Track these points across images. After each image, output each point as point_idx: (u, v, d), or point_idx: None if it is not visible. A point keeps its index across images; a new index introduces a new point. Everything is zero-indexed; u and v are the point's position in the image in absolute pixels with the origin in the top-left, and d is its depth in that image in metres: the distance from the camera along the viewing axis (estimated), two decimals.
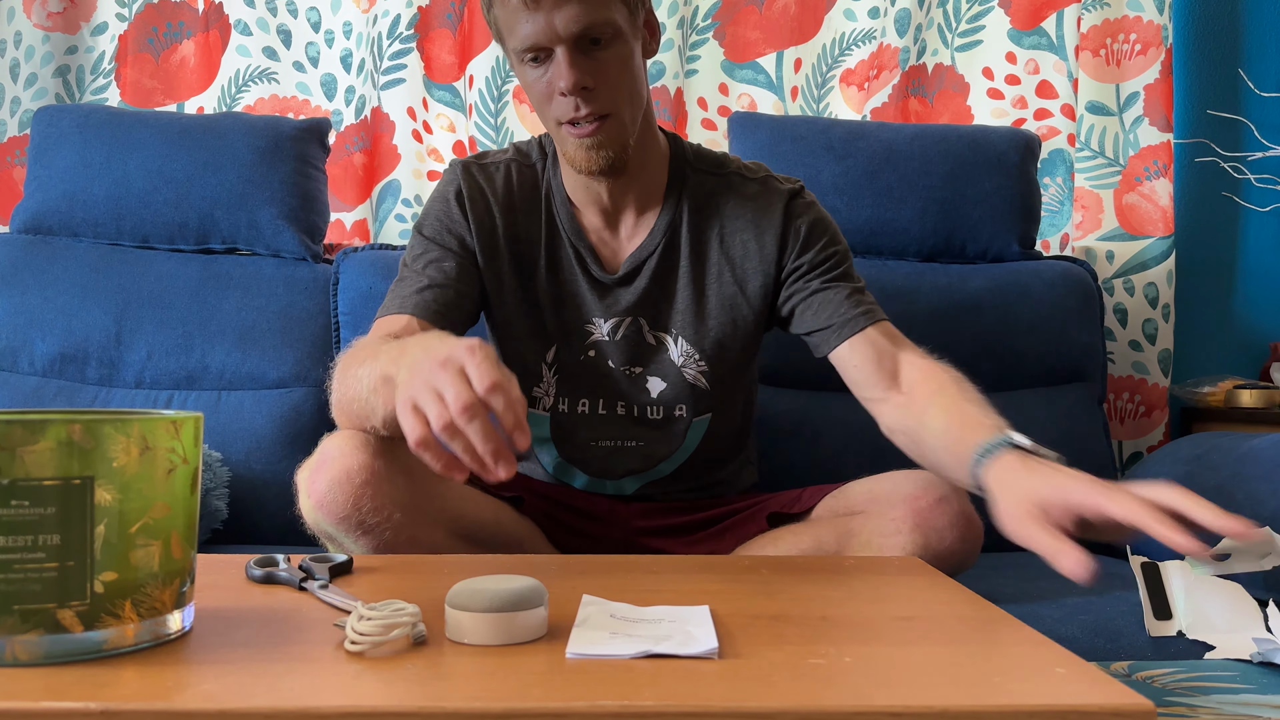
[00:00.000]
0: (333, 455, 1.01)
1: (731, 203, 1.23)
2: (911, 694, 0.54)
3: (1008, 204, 1.74)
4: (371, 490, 1.00)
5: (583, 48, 1.08)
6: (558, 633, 0.66)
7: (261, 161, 1.71)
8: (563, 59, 1.07)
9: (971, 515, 1.06)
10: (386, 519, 1.00)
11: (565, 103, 1.09)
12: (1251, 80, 2.02)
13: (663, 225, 1.22)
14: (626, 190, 1.21)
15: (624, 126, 1.13)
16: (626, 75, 1.11)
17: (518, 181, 1.23)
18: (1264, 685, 0.88)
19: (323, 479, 1.00)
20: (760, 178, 1.25)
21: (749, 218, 1.22)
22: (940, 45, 1.97)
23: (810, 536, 1.11)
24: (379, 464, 1.01)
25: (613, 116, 1.11)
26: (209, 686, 0.55)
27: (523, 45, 1.08)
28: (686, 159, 1.25)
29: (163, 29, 1.96)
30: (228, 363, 1.64)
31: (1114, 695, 0.54)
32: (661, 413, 1.23)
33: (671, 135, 1.27)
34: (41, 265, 1.68)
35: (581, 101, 1.09)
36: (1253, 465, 1.27)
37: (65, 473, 0.57)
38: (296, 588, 0.80)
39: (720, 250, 1.22)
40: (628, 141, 1.14)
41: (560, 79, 1.08)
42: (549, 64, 1.09)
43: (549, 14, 1.06)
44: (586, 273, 1.22)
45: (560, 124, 1.12)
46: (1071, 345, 1.71)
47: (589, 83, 1.08)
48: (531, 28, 1.07)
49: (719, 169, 1.25)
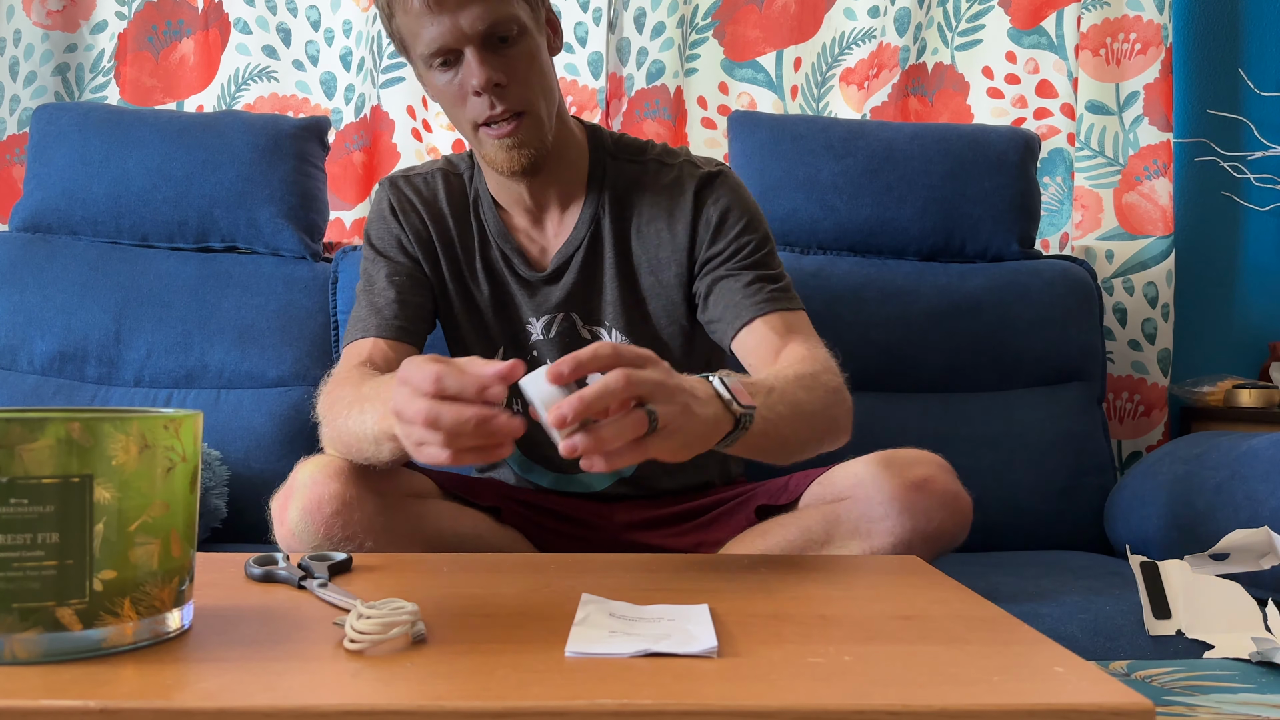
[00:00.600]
0: (303, 484, 1.02)
1: (649, 191, 1.22)
2: (910, 693, 0.54)
3: (1007, 203, 1.74)
4: (342, 520, 1.00)
5: (491, 46, 1.08)
6: (557, 631, 0.66)
7: (261, 160, 1.71)
8: (473, 58, 1.08)
9: (959, 493, 1.04)
10: (359, 547, 1.01)
11: (479, 103, 1.10)
12: (1251, 80, 2.02)
13: (586, 218, 1.21)
14: (547, 187, 1.21)
15: (541, 122, 1.13)
16: (536, 70, 1.12)
17: (445, 190, 1.25)
18: (1263, 685, 0.88)
19: (294, 508, 1.01)
20: (678, 163, 1.23)
21: (663, 205, 1.21)
22: (940, 44, 1.97)
23: (798, 527, 1.09)
24: (350, 492, 1.01)
25: (528, 114, 1.11)
26: (208, 685, 0.55)
27: (430, 49, 1.08)
28: (606, 149, 1.24)
29: (162, 27, 1.96)
30: (227, 361, 1.64)
31: (1113, 694, 0.54)
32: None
33: (590, 126, 1.26)
34: (41, 263, 1.68)
35: (496, 99, 1.09)
36: (1252, 465, 1.27)
37: (64, 471, 0.57)
38: (295, 586, 0.80)
39: (639, 240, 1.22)
40: (546, 138, 1.14)
41: (472, 77, 1.08)
42: (458, 66, 1.09)
43: (454, 15, 1.06)
44: (515, 273, 1.23)
45: (477, 126, 1.12)
46: (1071, 345, 1.71)
47: (501, 79, 1.08)
48: (437, 30, 1.07)
49: (638, 156, 1.24)
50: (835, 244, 1.75)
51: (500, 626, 0.68)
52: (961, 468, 1.10)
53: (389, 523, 1.04)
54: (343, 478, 1.02)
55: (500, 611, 0.72)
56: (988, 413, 1.66)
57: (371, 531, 1.02)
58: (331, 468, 1.03)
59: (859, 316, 1.66)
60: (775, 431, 0.94)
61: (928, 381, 1.68)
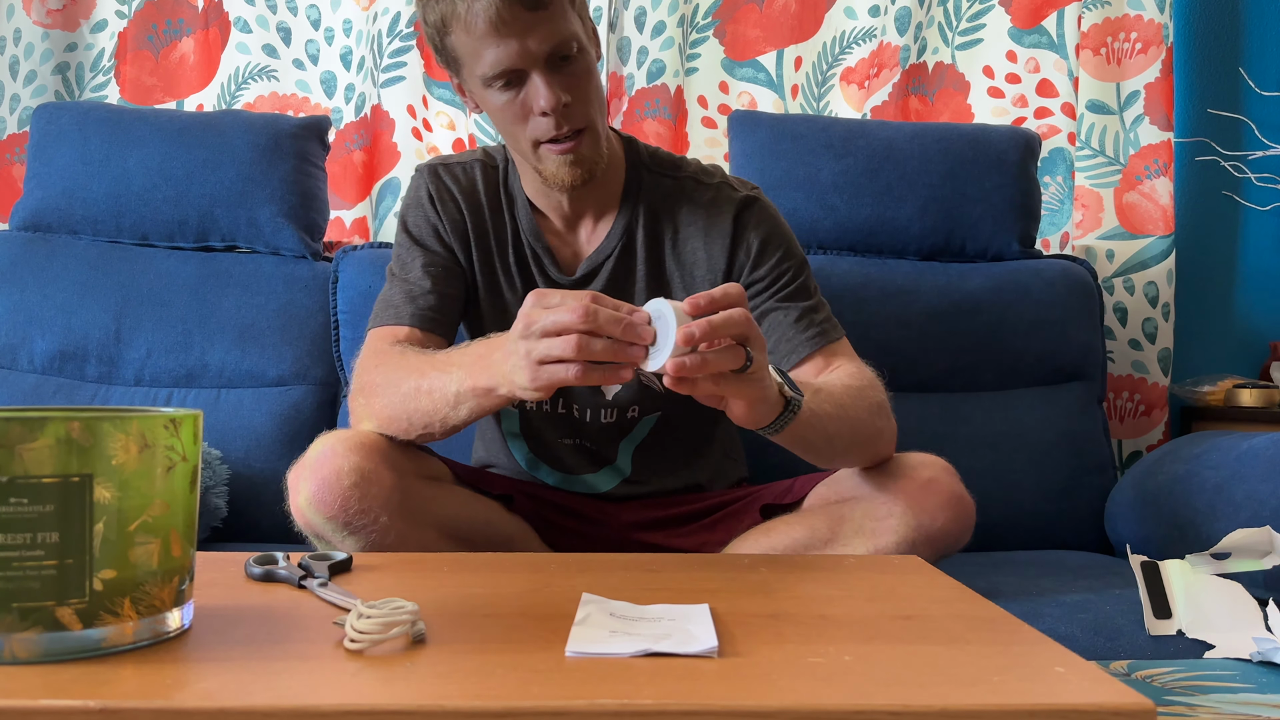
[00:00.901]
0: (324, 455, 1.03)
1: (685, 208, 1.23)
2: (911, 693, 0.54)
3: (1008, 203, 1.74)
4: (359, 492, 1.01)
5: (554, 65, 1.08)
6: (557, 631, 0.66)
7: (261, 159, 1.71)
8: (539, 80, 1.08)
9: (963, 495, 1.06)
10: (373, 521, 1.02)
11: (545, 123, 1.10)
12: (1252, 79, 2.02)
13: (619, 229, 1.22)
14: (585, 197, 1.21)
15: (599, 137, 1.14)
16: (594, 86, 1.13)
17: (483, 181, 1.25)
18: (1264, 684, 0.88)
19: (313, 479, 1.02)
20: (715, 183, 1.24)
21: (700, 224, 1.22)
22: (941, 44, 1.97)
23: (803, 526, 1.10)
24: (369, 466, 1.02)
25: (588, 130, 1.12)
26: (208, 684, 0.55)
27: (494, 71, 1.08)
28: (643, 161, 1.25)
29: (162, 26, 1.96)
30: (227, 360, 1.64)
31: (1114, 694, 0.54)
32: (614, 415, 1.24)
33: (626, 137, 1.27)
34: (41, 263, 1.68)
35: (562, 119, 1.09)
36: (1252, 464, 1.27)
37: (64, 470, 0.57)
38: (296, 586, 0.80)
39: (673, 255, 1.22)
40: (603, 152, 1.15)
41: (539, 98, 1.08)
42: (520, 87, 1.09)
43: (520, 38, 1.05)
44: (544, 273, 1.23)
45: (537, 144, 1.12)
46: (1071, 344, 1.71)
47: (567, 99, 1.09)
48: (503, 51, 1.06)
49: (675, 171, 1.25)
50: (835, 243, 1.75)
51: (500, 626, 0.68)
52: (962, 467, 1.10)
53: (404, 501, 1.04)
54: (363, 451, 1.03)
55: (500, 611, 0.72)
56: (988, 412, 1.66)
57: (387, 507, 1.02)
58: (352, 441, 1.04)
59: (859, 316, 1.66)
60: (820, 427, 0.99)
61: (928, 381, 1.68)
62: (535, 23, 1.05)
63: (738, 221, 1.21)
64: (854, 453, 1.08)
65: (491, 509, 1.17)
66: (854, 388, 1.08)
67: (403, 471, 1.06)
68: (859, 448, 1.08)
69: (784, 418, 0.94)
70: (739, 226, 1.21)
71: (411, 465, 1.10)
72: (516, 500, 1.21)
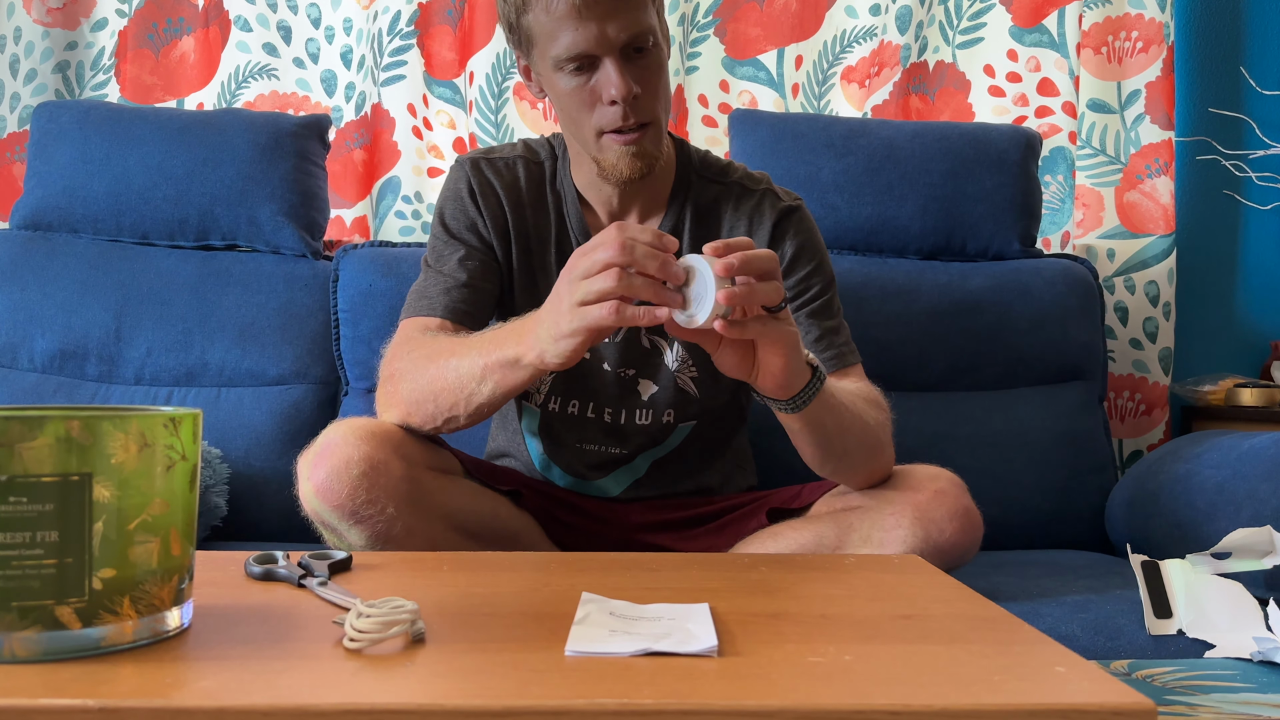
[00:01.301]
0: (334, 444, 1.02)
1: (730, 212, 1.24)
2: (911, 693, 0.54)
3: (1008, 202, 1.74)
4: (368, 482, 1.01)
5: (628, 56, 1.09)
6: (557, 631, 0.66)
7: (261, 158, 1.71)
8: (612, 68, 1.08)
9: (970, 508, 1.07)
10: (380, 511, 1.01)
11: (612, 112, 1.10)
12: (1253, 78, 2.02)
13: (667, 228, 1.22)
14: (635, 195, 1.21)
15: (661, 133, 1.15)
16: (664, 82, 1.14)
17: (525, 177, 1.24)
18: (1264, 684, 0.88)
19: (323, 467, 1.01)
20: (761, 190, 1.25)
21: (743, 228, 1.23)
22: (941, 42, 1.97)
23: (810, 531, 1.11)
24: (379, 456, 1.02)
25: (653, 124, 1.13)
26: (207, 683, 0.55)
27: (568, 54, 1.08)
28: (692, 165, 1.26)
29: (162, 25, 1.96)
30: (227, 359, 1.64)
31: (1114, 694, 0.54)
32: (650, 417, 1.24)
33: (678, 140, 1.27)
34: (41, 261, 1.68)
35: (630, 110, 1.09)
36: (1253, 464, 1.27)
37: (63, 469, 0.57)
38: (295, 585, 0.80)
39: None
40: (663, 148, 1.16)
41: (611, 87, 1.08)
42: (592, 72, 1.09)
43: (600, 23, 1.06)
44: None
45: (601, 133, 1.12)
46: (1072, 343, 1.71)
47: (638, 90, 1.09)
48: (581, 35, 1.06)
49: (722, 177, 1.26)
50: (836, 243, 1.74)
51: (500, 625, 0.68)
52: (962, 467, 1.11)
53: (412, 492, 1.04)
54: (373, 441, 1.03)
55: (500, 610, 0.72)
56: (988, 412, 1.66)
57: (395, 498, 1.02)
58: (363, 430, 1.03)
59: (859, 315, 1.65)
60: (833, 419, 1.02)
61: (928, 380, 1.68)
62: (616, 10, 1.06)
63: (777, 228, 1.22)
64: (859, 456, 1.08)
65: (499, 503, 1.17)
66: (862, 395, 1.11)
67: (413, 462, 1.06)
68: (864, 452, 1.08)
69: (812, 386, 0.97)
70: (778, 232, 1.22)
71: (422, 456, 1.09)
72: (525, 496, 1.21)
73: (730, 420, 1.32)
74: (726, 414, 1.30)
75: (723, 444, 1.32)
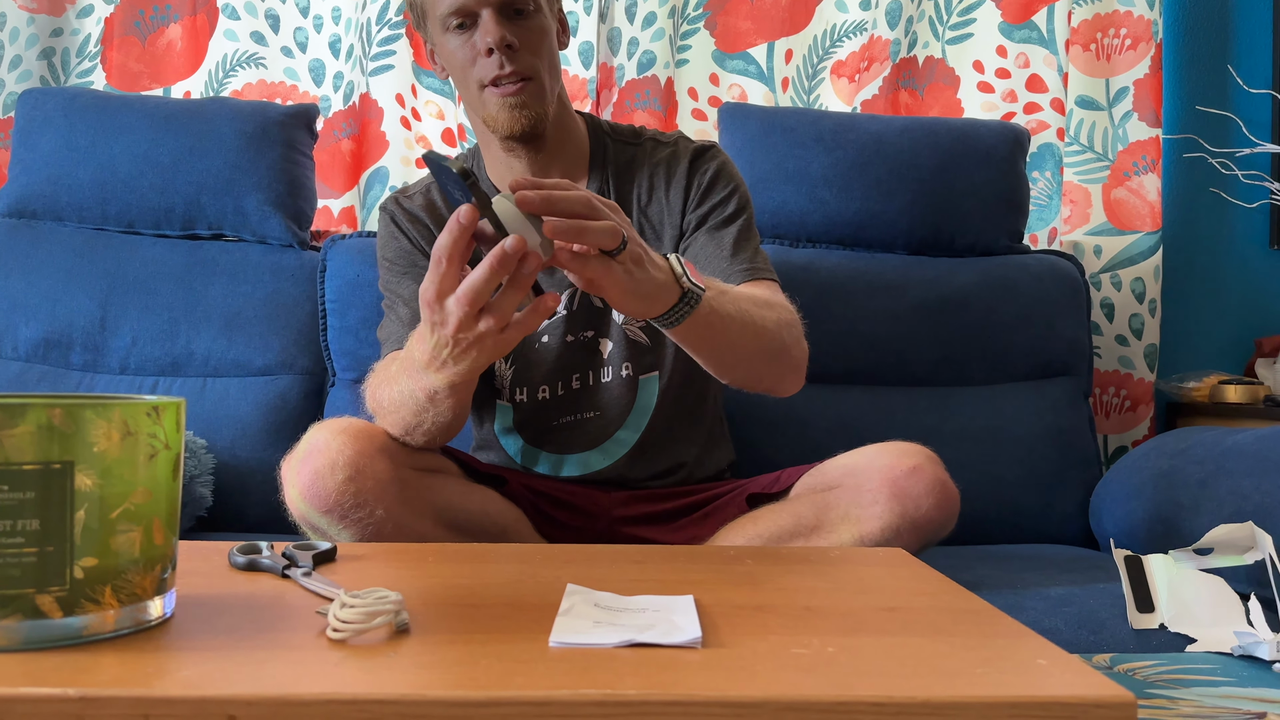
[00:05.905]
0: (318, 446, 1.02)
1: (647, 168, 1.28)
2: (894, 685, 0.54)
3: (996, 197, 1.74)
4: (354, 485, 1.01)
5: (507, 14, 1.15)
6: (541, 622, 0.66)
7: (248, 147, 1.70)
8: (489, 19, 1.14)
9: (947, 482, 1.07)
10: (369, 513, 1.01)
11: (489, 63, 1.15)
12: (1240, 77, 2.03)
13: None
14: (550, 167, 1.25)
15: (544, 91, 1.18)
16: (546, 45, 1.18)
17: (441, 195, 1.27)
18: (1245, 678, 0.88)
19: (307, 470, 1.01)
20: (673, 140, 1.30)
21: (662, 179, 1.27)
22: (931, 38, 1.97)
23: (789, 514, 1.11)
24: (363, 458, 1.02)
25: (534, 80, 1.17)
26: (189, 673, 0.54)
27: (450, 9, 1.15)
28: (605, 132, 1.31)
29: (149, 12, 1.94)
30: (213, 349, 1.64)
31: (1096, 687, 0.54)
32: (610, 374, 1.26)
33: (587, 115, 1.33)
34: (25, 249, 1.67)
35: (506, 60, 1.14)
36: (1236, 460, 1.28)
37: (45, 457, 0.57)
38: (279, 575, 0.79)
39: (642, 214, 1.27)
40: (547, 107, 1.19)
41: (487, 35, 1.14)
42: (473, 30, 1.16)
43: None
44: None
45: (483, 86, 1.17)
46: (1058, 339, 1.72)
47: (513, 41, 1.14)
48: None
49: (634, 139, 1.31)
50: (824, 237, 1.75)
51: (484, 616, 0.67)
52: (948, 461, 1.11)
53: (399, 491, 1.04)
54: (358, 443, 1.02)
55: (484, 602, 0.72)
56: (975, 406, 1.66)
57: (383, 499, 1.02)
58: (348, 432, 1.03)
59: (847, 310, 1.66)
60: (722, 327, 1.00)
61: (916, 375, 1.68)
62: None
63: (692, 166, 1.27)
64: (757, 363, 1.09)
65: (489, 498, 1.17)
66: (762, 299, 1.10)
67: (399, 461, 1.06)
68: (763, 358, 1.09)
69: (679, 309, 0.94)
70: (693, 170, 1.26)
71: (407, 455, 1.09)
72: (511, 485, 1.21)
73: (696, 380, 1.30)
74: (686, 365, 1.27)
75: (696, 408, 1.32)
